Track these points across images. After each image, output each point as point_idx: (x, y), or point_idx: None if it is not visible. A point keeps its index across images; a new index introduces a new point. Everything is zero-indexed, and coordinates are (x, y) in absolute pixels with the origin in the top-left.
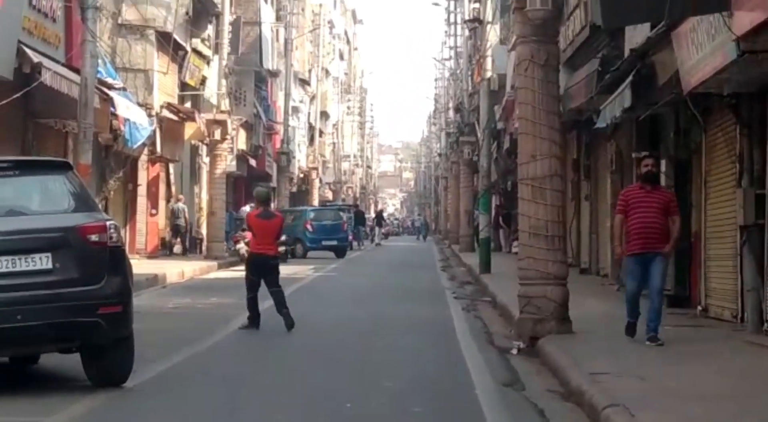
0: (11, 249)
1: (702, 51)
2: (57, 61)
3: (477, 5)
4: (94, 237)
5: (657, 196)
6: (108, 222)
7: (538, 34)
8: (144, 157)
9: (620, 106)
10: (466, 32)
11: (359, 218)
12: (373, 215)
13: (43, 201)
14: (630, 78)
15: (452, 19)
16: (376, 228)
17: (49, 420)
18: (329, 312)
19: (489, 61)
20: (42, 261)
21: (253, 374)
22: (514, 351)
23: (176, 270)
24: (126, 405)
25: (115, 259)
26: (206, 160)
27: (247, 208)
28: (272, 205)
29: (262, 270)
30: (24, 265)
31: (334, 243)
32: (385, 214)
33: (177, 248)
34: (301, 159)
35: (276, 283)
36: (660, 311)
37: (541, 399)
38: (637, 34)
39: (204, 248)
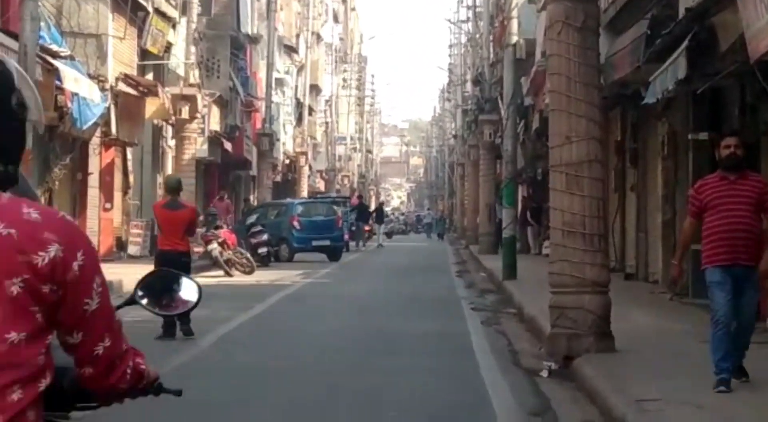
0: None
1: None
2: None
3: None
4: None
5: (746, 187)
6: None
7: None
8: (96, 140)
9: (673, 77)
10: None
11: (362, 213)
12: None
13: None
14: (685, 43)
15: None
16: (376, 226)
17: None
18: (321, 327)
19: (514, 23)
20: None
21: (228, 403)
22: (545, 374)
23: (135, 276)
24: None
25: None
26: (171, 143)
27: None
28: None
29: (171, 267)
30: None
31: (327, 243)
32: (388, 209)
33: (134, 249)
34: (286, 142)
35: None
36: (746, 347)
37: None
38: None
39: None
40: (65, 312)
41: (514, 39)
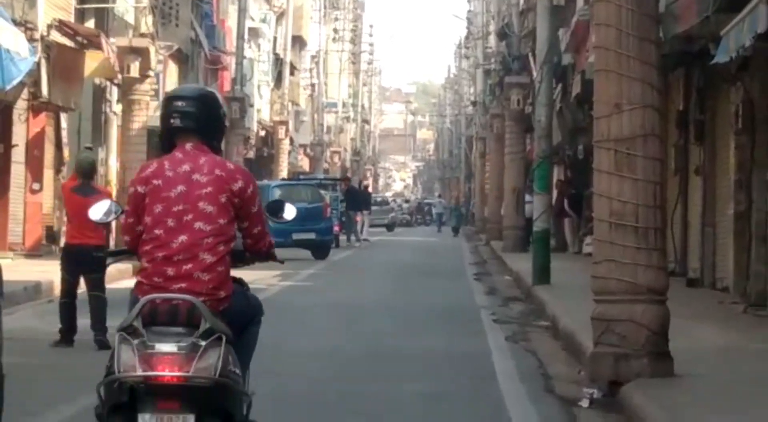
0: None
1: None
2: None
3: None
4: None
5: None
6: None
7: None
8: (22, 104)
9: (751, 30)
10: None
11: (353, 199)
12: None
13: None
14: None
15: None
16: (361, 215)
17: None
18: (303, 343)
19: None
20: None
21: None
22: (585, 403)
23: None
24: None
25: None
26: (117, 108)
27: None
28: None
29: (80, 265)
30: None
31: (311, 237)
32: (389, 194)
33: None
34: (262, 108)
35: (99, 286)
36: None
37: None
38: None
39: (112, 241)
40: (243, 211)
41: None
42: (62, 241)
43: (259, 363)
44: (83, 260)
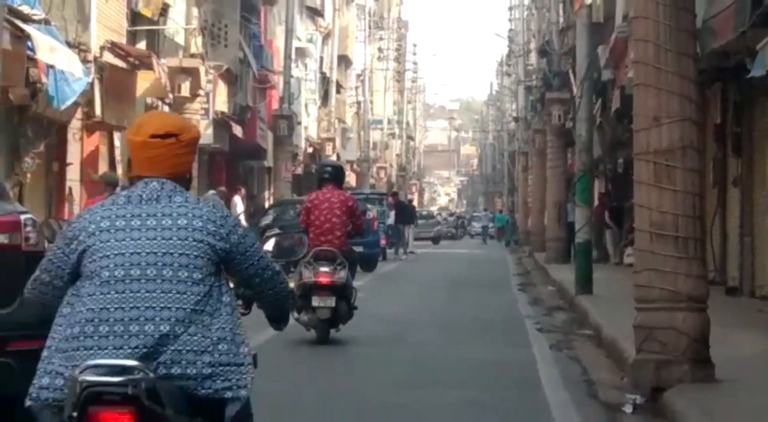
0: None
1: None
2: None
3: None
4: (1, 239)
5: None
6: (23, 217)
7: None
8: (76, 123)
9: None
10: None
11: (402, 213)
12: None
13: None
14: None
15: None
16: (405, 229)
17: None
18: (351, 352)
19: None
20: None
21: None
22: (629, 409)
23: None
24: None
25: (32, 270)
26: None
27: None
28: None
29: None
30: None
31: (359, 249)
32: (434, 208)
33: None
34: (309, 126)
35: None
36: None
37: None
38: None
39: None
40: (353, 217)
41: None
42: None
43: (306, 369)
44: None
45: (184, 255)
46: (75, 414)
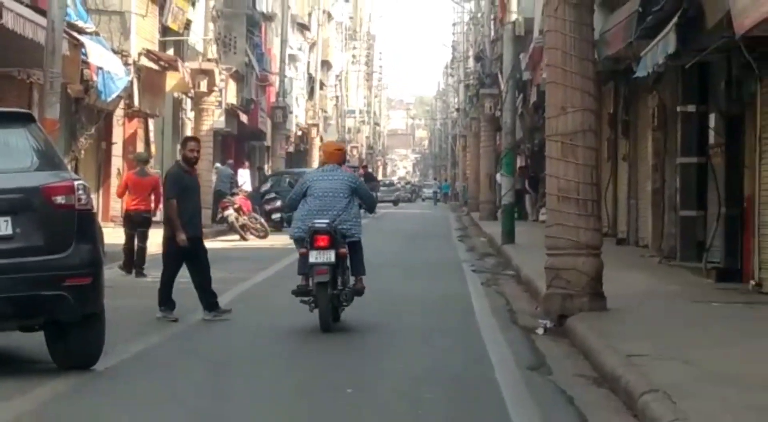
0: None
1: None
2: (20, 1)
3: None
4: (60, 200)
5: None
6: (76, 182)
7: None
8: (120, 112)
9: (663, 52)
10: None
11: (370, 182)
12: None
13: (0, 157)
14: (675, 20)
15: None
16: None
17: (9, 404)
18: None
19: (514, 2)
20: (0, 227)
21: (241, 358)
22: (540, 331)
23: (155, 240)
24: (95, 390)
25: (83, 225)
26: (191, 115)
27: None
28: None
29: (135, 223)
30: None
31: None
32: (395, 178)
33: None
34: (299, 114)
35: (143, 238)
36: None
37: (570, 385)
38: None
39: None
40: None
41: (514, 17)
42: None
43: (282, 305)
44: (137, 220)
45: (341, 189)
46: (308, 238)
